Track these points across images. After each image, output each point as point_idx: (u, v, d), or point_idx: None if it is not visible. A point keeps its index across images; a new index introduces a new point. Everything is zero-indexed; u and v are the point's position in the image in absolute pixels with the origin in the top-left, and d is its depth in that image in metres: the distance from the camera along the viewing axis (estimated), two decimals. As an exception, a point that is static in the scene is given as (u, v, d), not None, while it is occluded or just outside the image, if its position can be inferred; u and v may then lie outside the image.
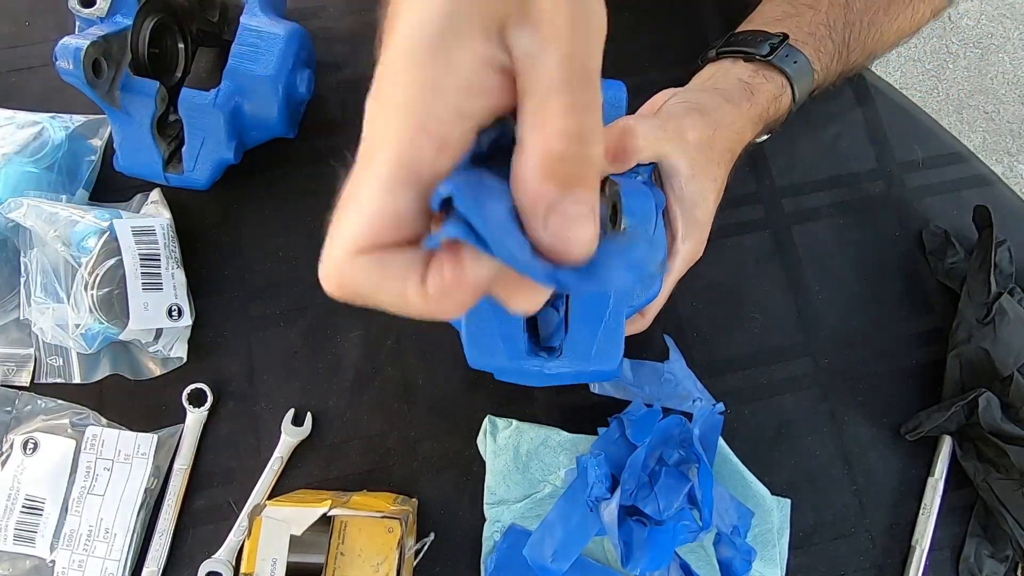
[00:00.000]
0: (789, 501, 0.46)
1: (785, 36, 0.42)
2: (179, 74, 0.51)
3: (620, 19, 0.56)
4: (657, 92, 0.43)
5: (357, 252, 0.19)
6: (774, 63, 0.42)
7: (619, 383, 0.48)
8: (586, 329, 0.33)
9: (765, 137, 0.49)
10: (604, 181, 0.35)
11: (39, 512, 0.45)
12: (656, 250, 0.38)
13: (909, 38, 0.49)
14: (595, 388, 0.48)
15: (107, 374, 0.47)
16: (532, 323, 0.35)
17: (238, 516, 0.46)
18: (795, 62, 0.42)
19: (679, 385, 0.48)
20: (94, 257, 0.43)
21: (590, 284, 0.19)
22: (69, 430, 0.46)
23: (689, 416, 0.46)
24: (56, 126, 0.49)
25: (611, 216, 0.33)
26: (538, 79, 0.18)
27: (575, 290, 0.19)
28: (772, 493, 0.46)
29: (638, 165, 0.38)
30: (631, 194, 0.33)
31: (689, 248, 0.40)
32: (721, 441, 0.46)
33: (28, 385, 0.47)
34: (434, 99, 0.19)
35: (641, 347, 0.49)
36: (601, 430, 0.45)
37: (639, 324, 0.43)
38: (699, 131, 0.39)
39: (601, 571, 0.44)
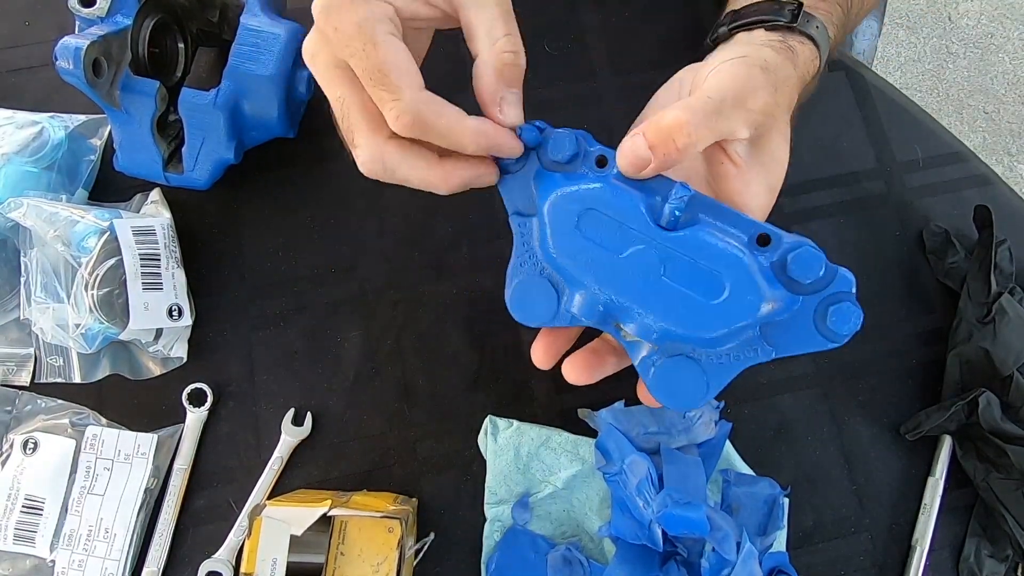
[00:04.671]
0: (788, 500, 0.46)
1: (800, 3, 0.39)
2: (179, 74, 0.51)
3: (618, 18, 0.56)
4: (653, 92, 0.40)
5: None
6: (800, 29, 0.38)
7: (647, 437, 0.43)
8: None
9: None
10: None
11: (39, 512, 0.45)
12: None
13: None
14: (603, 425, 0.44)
15: (107, 374, 0.47)
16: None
17: (238, 516, 0.46)
18: (816, 27, 0.39)
19: (701, 416, 0.43)
20: (94, 257, 0.44)
21: None
22: (69, 430, 0.46)
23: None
24: (56, 126, 0.49)
25: None
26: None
27: None
28: (772, 493, 0.46)
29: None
30: None
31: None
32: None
33: (28, 385, 0.47)
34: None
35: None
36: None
37: None
38: (764, 96, 0.34)
39: (599, 570, 0.44)
